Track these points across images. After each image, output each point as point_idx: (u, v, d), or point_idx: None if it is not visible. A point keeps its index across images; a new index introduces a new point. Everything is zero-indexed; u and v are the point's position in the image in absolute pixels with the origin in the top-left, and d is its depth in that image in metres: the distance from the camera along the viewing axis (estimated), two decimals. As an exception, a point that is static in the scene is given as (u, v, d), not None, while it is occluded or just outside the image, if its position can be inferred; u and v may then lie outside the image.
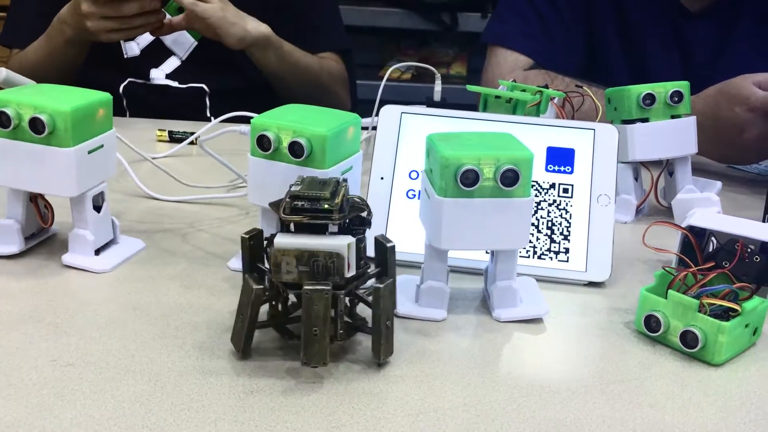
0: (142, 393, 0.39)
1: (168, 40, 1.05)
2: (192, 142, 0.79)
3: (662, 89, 0.66)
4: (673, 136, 0.66)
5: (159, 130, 0.85)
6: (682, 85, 0.66)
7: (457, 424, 0.38)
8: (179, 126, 0.88)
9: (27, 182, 0.51)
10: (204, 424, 0.37)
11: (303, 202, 0.40)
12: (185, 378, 0.40)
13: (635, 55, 1.02)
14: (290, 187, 0.41)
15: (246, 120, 0.65)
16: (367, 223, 0.42)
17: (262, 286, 0.41)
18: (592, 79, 0.93)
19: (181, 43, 1.05)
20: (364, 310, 0.44)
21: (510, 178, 0.45)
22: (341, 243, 0.39)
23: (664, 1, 0.99)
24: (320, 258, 0.39)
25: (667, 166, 0.69)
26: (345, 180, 0.43)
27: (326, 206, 0.39)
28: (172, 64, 1.08)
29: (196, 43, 1.05)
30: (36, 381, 0.39)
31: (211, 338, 0.44)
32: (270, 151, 0.49)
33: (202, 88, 1.07)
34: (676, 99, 0.66)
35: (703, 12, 0.99)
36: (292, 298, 0.44)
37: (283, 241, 0.39)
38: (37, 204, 0.54)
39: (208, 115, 1.08)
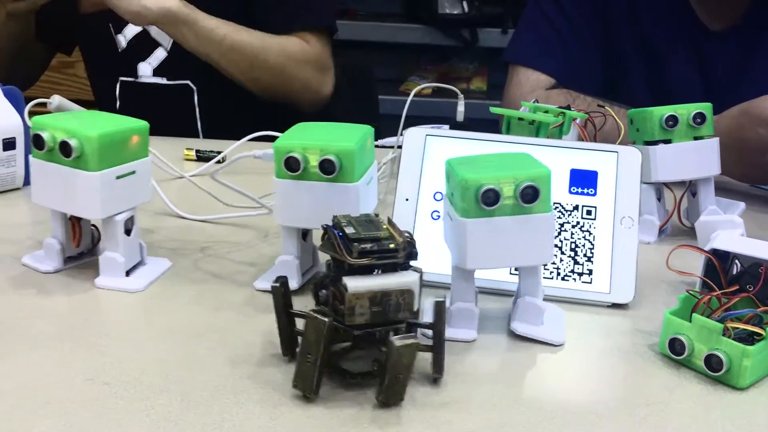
0: (176, 413, 0.40)
1: (153, 29, 1.02)
2: (219, 161, 0.81)
3: (685, 111, 0.66)
4: (696, 157, 0.66)
5: (186, 149, 0.87)
6: (705, 107, 0.66)
7: (483, 447, 0.39)
8: (207, 145, 0.89)
9: (58, 203, 0.53)
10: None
11: (370, 245, 0.40)
12: (217, 398, 0.41)
13: (655, 74, 1.02)
14: (335, 231, 0.41)
15: (269, 138, 0.66)
16: (415, 255, 0.42)
17: (331, 319, 0.40)
18: (612, 97, 0.93)
19: (163, 32, 1.01)
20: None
21: (530, 195, 0.46)
22: (411, 279, 0.40)
23: (684, 20, 1.00)
24: (392, 296, 0.39)
25: (690, 187, 0.69)
26: (377, 214, 0.44)
27: (392, 246, 0.40)
28: (159, 56, 1.06)
29: None
30: (73, 399, 0.41)
31: (242, 358, 0.45)
32: (299, 171, 0.50)
33: (188, 85, 1.05)
34: (699, 120, 0.66)
35: (724, 31, 0.99)
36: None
37: (356, 284, 0.39)
38: (75, 225, 0.55)
39: (197, 114, 1.06)
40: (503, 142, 0.59)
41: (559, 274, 0.56)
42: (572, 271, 0.56)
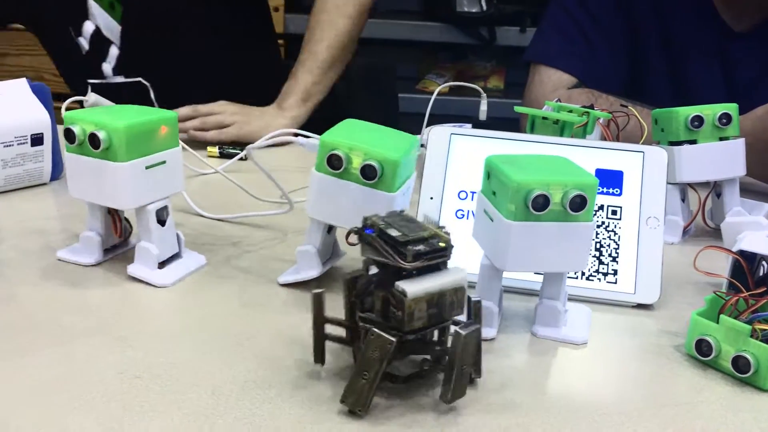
0: (207, 406, 0.40)
1: (103, 26, 1.01)
2: (242, 158, 0.81)
3: (710, 111, 0.66)
4: (722, 158, 0.66)
5: (210, 146, 0.87)
6: (731, 107, 0.66)
7: (511, 445, 0.39)
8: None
9: (91, 194, 0.54)
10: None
11: (422, 246, 0.39)
12: (247, 392, 0.42)
13: (678, 73, 1.01)
14: (372, 233, 0.40)
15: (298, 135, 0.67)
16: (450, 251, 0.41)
17: (396, 338, 0.39)
18: (634, 97, 0.93)
19: (111, 28, 1.00)
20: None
21: (578, 204, 0.45)
22: (461, 276, 0.40)
23: (708, 21, 0.99)
24: (447, 296, 0.39)
25: (714, 188, 0.69)
26: (402, 210, 0.43)
27: (442, 245, 0.39)
28: (113, 54, 1.06)
29: (119, 26, 1.00)
30: (104, 393, 0.41)
31: (271, 353, 0.46)
32: (339, 170, 0.50)
33: (141, 82, 1.04)
34: (725, 121, 0.66)
35: (747, 32, 0.98)
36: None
37: (415, 289, 0.38)
38: (114, 217, 0.56)
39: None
40: (529, 142, 0.59)
41: (583, 273, 0.56)
42: (597, 271, 0.56)
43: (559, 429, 0.40)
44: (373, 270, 0.42)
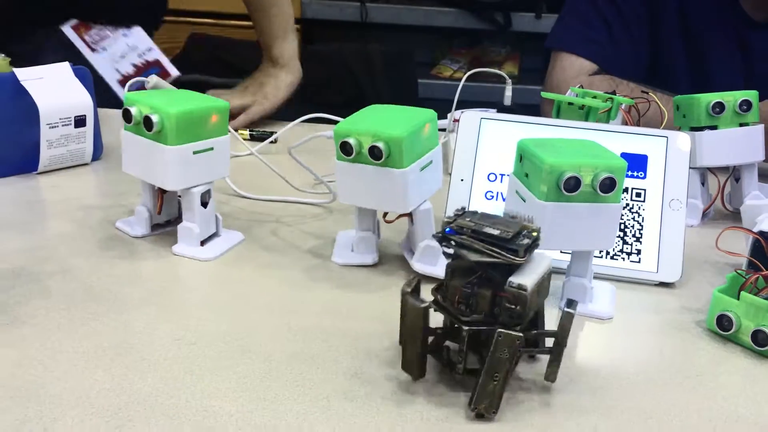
0: (259, 371, 0.43)
1: None
2: (272, 141, 0.84)
3: (731, 98, 0.68)
4: (741, 143, 0.68)
5: (241, 130, 0.90)
6: (752, 95, 0.68)
7: (540, 412, 0.42)
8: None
9: (142, 172, 0.57)
10: (318, 399, 0.41)
11: (525, 240, 0.40)
12: (295, 359, 0.45)
13: (698, 62, 1.03)
14: (469, 234, 0.40)
15: (327, 121, 0.69)
16: None
17: (522, 334, 0.39)
18: (654, 84, 0.95)
19: None
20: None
21: (607, 185, 0.48)
22: (549, 260, 0.42)
23: (728, 10, 1.01)
24: (545, 282, 0.41)
25: (733, 172, 0.71)
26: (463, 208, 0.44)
27: (534, 233, 0.41)
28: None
29: None
30: (166, 357, 0.44)
31: (313, 324, 0.49)
32: (353, 155, 0.52)
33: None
34: (745, 107, 0.68)
35: (766, 22, 1.00)
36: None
37: (529, 282, 0.39)
38: (160, 195, 0.59)
39: None
40: (557, 126, 0.61)
41: (608, 253, 0.58)
42: (621, 251, 0.58)
43: (587, 397, 0.43)
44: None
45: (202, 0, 2.06)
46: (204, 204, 0.57)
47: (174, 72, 1.00)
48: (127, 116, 0.55)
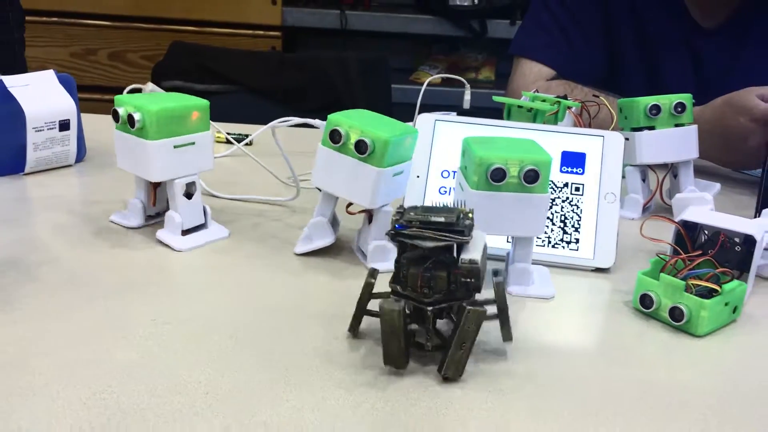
0: (226, 346, 0.48)
1: None
2: (247, 143, 0.89)
3: (667, 101, 0.74)
4: (677, 142, 0.74)
5: (217, 132, 0.95)
6: (685, 98, 0.74)
7: (477, 379, 0.47)
8: (234, 128, 0.98)
9: (131, 166, 0.63)
10: (279, 369, 0.46)
11: (467, 221, 0.46)
12: (259, 335, 0.50)
13: (651, 67, 1.10)
14: (417, 225, 0.45)
15: (303, 125, 0.74)
16: None
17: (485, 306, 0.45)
18: (611, 89, 1.01)
19: None
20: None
21: (531, 177, 0.53)
22: (483, 233, 0.48)
23: (678, 17, 1.07)
24: (485, 253, 0.47)
25: (671, 169, 0.77)
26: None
27: (471, 215, 0.47)
28: None
29: None
30: (142, 334, 0.49)
31: (277, 305, 0.54)
32: (339, 144, 0.57)
33: None
34: (680, 109, 0.74)
35: (716, 29, 1.07)
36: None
37: (477, 256, 0.45)
38: (153, 189, 0.65)
39: None
40: (504, 127, 0.67)
41: (550, 242, 0.64)
42: (561, 240, 0.64)
43: (529, 365, 0.49)
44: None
45: (185, 8, 2.11)
46: (189, 195, 0.62)
47: None
48: (115, 116, 0.61)
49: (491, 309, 0.48)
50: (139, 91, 0.77)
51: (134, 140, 0.60)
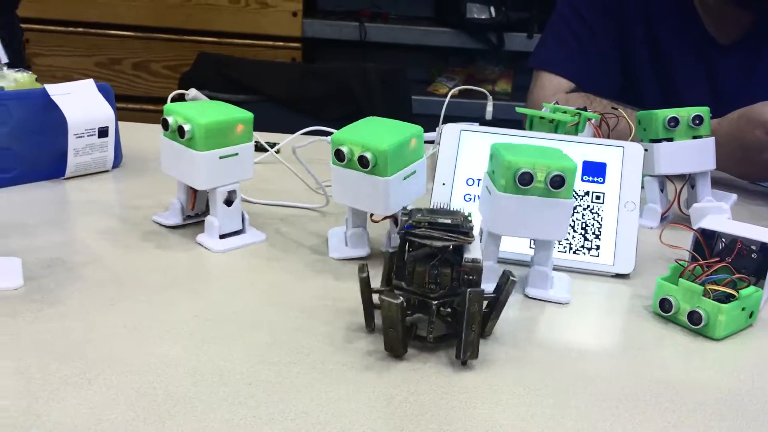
0: (265, 341, 0.51)
1: None
2: (276, 152, 0.92)
3: (685, 113, 0.76)
4: (695, 154, 0.77)
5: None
6: (703, 110, 0.76)
7: (505, 376, 0.49)
8: (258, 137, 1.01)
9: (176, 172, 0.66)
10: (315, 363, 0.49)
11: (470, 224, 0.51)
12: (296, 332, 0.53)
13: (667, 81, 1.12)
14: (425, 226, 0.49)
15: (325, 133, 0.77)
16: None
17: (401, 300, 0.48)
18: (627, 101, 1.03)
19: None
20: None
21: (557, 182, 0.56)
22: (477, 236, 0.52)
23: (694, 33, 1.10)
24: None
25: (689, 180, 0.80)
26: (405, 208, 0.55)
27: (470, 218, 0.51)
28: None
29: None
30: (186, 329, 0.52)
31: (313, 305, 0.57)
32: (345, 162, 0.60)
33: None
34: (698, 122, 0.76)
35: (731, 45, 1.09)
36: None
37: (479, 255, 0.49)
38: (193, 193, 0.68)
39: None
40: (527, 137, 0.70)
41: (571, 248, 0.66)
42: (582, 246, 0.66)
43: (542, 362, 0.51)
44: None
45: (207, 19, 2.16)
46: (228, 202, 0.65)
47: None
48: (164, 124, 0.64)
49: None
50: (182, 97, 0.80)
51: (182, 149, 0.63)
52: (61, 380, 0.45)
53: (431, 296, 0.49)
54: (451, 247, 0.51)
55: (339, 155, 0.60)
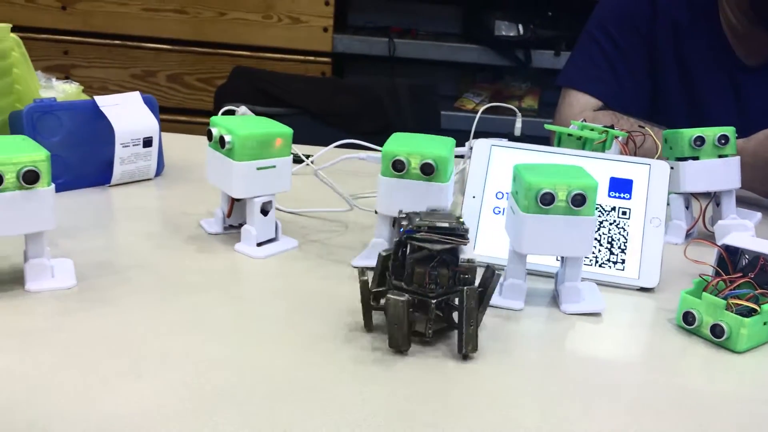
0: (302, 341, 0.54)
1: None
2: (308, 164, 0.95)
3: (711, 133, 0.78)
4: (720, 172, 0.78)
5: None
6: (729, 130, 0.78)
7: (532, 385, 0.52)
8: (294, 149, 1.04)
9: (218, 181, 0.69)
10: (346, 360, 0.51)
11: (465, 226, 0.54)
12: (329, 331, 0.55)
13: (694, 102, 1.13)
14: (425, 230, 0.53)
15: (357, 146, 0.80)
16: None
17: (407, 298, 0.51)
18: (654, 120, 1.05)
19: None
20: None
21: (578, 201, 0.58)
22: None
23: (723, 56, 1.11)
24: None
25: (714, 198, 0.81)
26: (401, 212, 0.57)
27: (462, 221, 0.54)
28: None
29: None
30: (229, 328, 0.55)
31: (342, 307, 0.59)
32: (402, 172, 0.63)
33: None
34: (723, 141, 0.78)
35: (758, 67, 1.10)
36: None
37: (473, 255, 0.54)
38: (232, 202, 0.71)
39: None
40: (555, 153, 0.72)
41: (597, 262, 0.68)
42: (608, 260, 0.68)
43: (569, 372, 0.53)
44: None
45: (240, 33, 2.21)
46: (264, 212, 0.68)
47: None
48: (209, 135, 0.67)
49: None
50: (232, 112, 0.84)
51: (223, 159, 0.67)
52: (113, 373, 0.48)
53: (430, 295, 0.53)
54: (451, 248, 0.54)
55: (397, 165, 0.63)
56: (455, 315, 0.55)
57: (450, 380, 0.51)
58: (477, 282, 0.55)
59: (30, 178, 0.55)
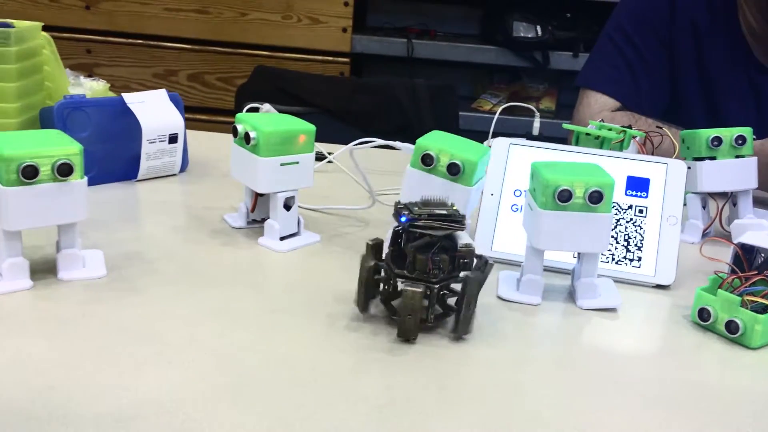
0: (326, 331, 0.55)
1: None
2: (329, 162, 0.97)
3: (728, 133, 0.79)
4: (737, 172, 0.79)
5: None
6: (746, 131, 0.79)
7: (548, 378, 0.53)
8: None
9: (242, 176, 0.71)
10: (368, 348, 0.53)
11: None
12: (352, 321, 0.57)
13: (713, 104, 1.14)
14: (425, 218, 0.54)
15: (377, 145, 0.81)
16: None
17: (373, 263, 0.55)
18: (672, 121, 1.06)
19: None
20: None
21: (595, 198, 0.59)
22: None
23: (741, 57, 1.12)
24: None
25: (731, 198, 0.82)
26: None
27: (456, 209, 0.56)
28: None
29: None
30: (258, 318, 0.57)
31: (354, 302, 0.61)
32: (430, 166, 0.64)
33: None
34: (740, 141, 0.78)
35: (776, 70, 1.10)
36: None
37: (471, 240, 0.55)
38: (256, 197, 0.73)
39: None
40: (573, 152, 0.73)
41: (614, 259, 0.69)
42: (625, 257, 0.69)
43: (587, 366, 0.54)
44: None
45: (260, 34, 2.23)
46: (287, 207, 0.70)
47: None
48: (234, 131, 0.69)
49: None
50: (256, 110, 0.86)
51: (248, 155, 0.68)
52: (144, 360, 0.50)
53: (433, 281, 0.54)
54: (450, 234, 0.56)
55: (426, 159, 0.64)
56: (449, 300, 0.57)
57: (470, 372, 0.52)
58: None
59: (64, 170, 0.57)
